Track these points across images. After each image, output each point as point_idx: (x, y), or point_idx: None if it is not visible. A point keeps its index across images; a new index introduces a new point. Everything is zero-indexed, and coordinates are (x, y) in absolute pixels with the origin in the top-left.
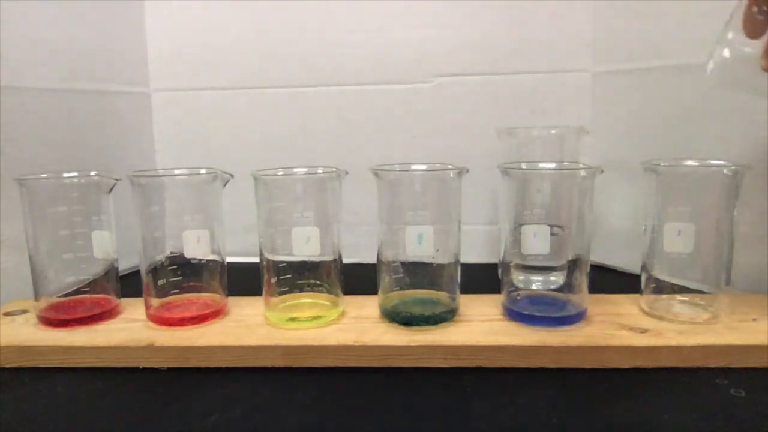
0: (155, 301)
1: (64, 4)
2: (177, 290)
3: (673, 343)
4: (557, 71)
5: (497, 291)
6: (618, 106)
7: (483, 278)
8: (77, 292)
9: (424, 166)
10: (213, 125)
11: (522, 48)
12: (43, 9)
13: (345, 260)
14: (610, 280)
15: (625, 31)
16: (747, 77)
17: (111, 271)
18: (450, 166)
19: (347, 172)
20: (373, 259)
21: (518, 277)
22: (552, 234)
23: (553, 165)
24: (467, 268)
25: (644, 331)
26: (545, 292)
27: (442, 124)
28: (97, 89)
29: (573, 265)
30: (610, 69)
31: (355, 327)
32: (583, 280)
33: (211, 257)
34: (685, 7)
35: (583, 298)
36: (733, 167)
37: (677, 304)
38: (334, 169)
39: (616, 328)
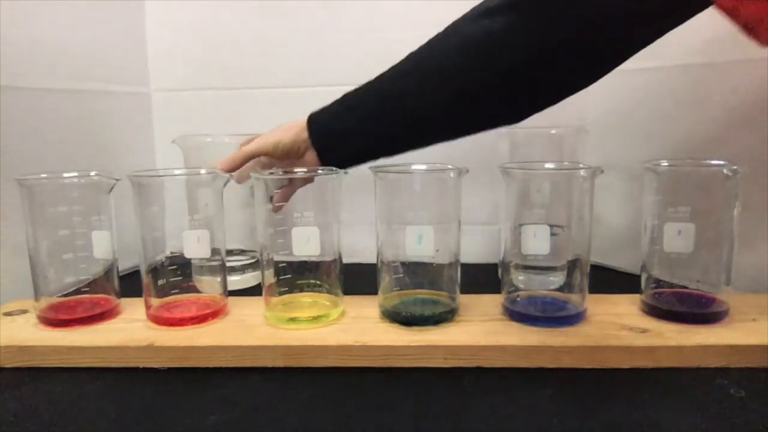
0: (155, 301)
1: (65, 4)
2: (177, 290)
3: (673, 343)
4: None
5: (497, 291)
6: (618, 106)
7: (483, 278)
8: (77, 292)
9: (424, 166)
10: (213, 125)
11: None
12: (43, 9)
13: (345, 260)
14: (610, 280)
15: None
16: None
17: (111, 271)
18: (450, 166)
19: (347, 172)
20: (373, 259)
21: (518, 277)
22: (552, 234)
23: (553, 165)
24: (467, 268)
25: (644, 331)
26: (545, 292)
27: None
28: (97, 89)
29: (573, 265)
30: None
31: (355, 327)
32: (583, 280)
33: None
34: None
35: (583, 298)
36: (733, 167)
37: None
38: (333, 169)
39: (616, 328)
